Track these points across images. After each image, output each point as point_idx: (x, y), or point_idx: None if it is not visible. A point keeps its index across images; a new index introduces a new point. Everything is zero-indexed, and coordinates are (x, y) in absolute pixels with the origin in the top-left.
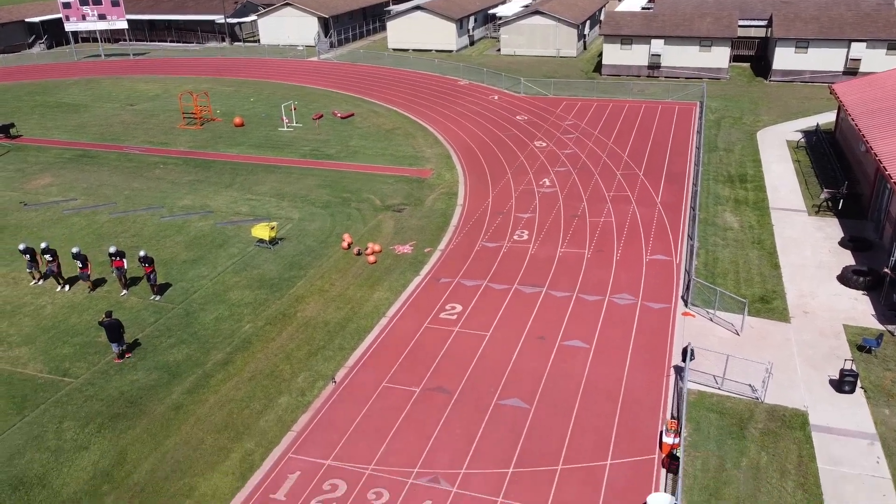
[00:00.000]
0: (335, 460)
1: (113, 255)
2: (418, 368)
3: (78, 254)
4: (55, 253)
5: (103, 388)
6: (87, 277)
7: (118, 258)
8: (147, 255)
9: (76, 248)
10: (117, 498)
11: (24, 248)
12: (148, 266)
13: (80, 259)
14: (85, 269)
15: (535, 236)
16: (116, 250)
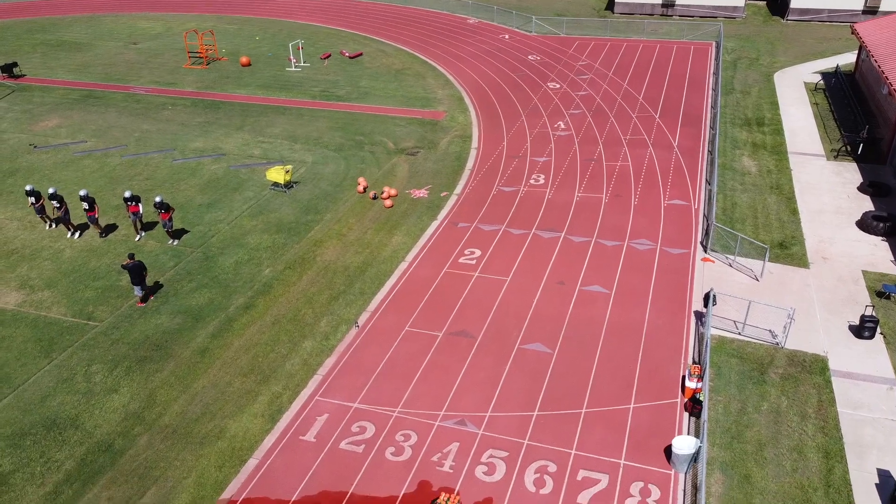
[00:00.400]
0: (362, 403)
1: (128, 199)
2: (440, 313)
3: (85, 196)
4: (62, 199)
5: (128, 331)
6: (96, 221)
7: (134, 203)
8: (163, 200)
9: (84, 191)
10: (150, 439)
11: (30, 190)
12: (164, 212)
13: (87, 201)
14: (92, 212)
15: (551, 181)
16: (132, 195)
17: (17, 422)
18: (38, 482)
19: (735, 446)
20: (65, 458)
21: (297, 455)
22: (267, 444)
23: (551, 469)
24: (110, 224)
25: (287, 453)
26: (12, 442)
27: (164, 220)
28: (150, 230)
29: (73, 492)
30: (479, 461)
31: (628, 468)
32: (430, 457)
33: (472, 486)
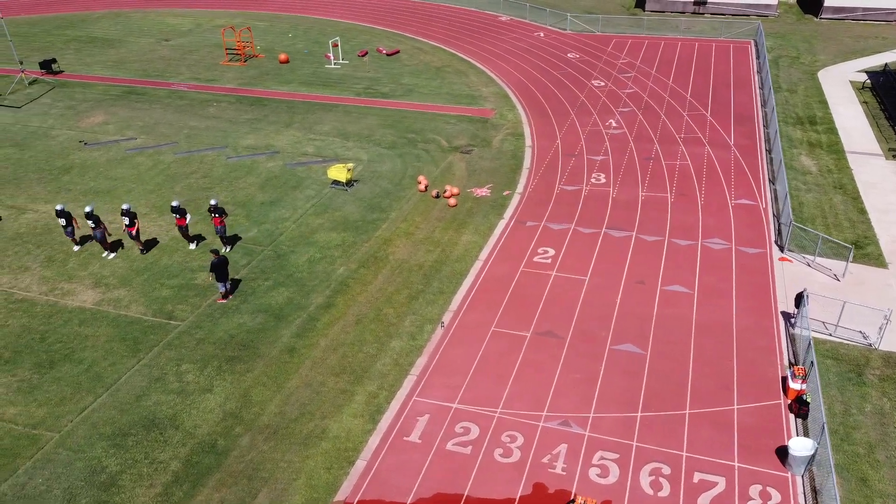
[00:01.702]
0: (461, 403)
1: (175, 210)
2: (523, 313)
3: (127, 211)
4: (99, 219)
5: (212, 331)
6: (137, 237)
7: (180, 216)
8: (218, 204)
9: (126, 205)
10: (252, 439)
11: (60, 210)
12: (217, 217)
13: (128, 216)
14: (132, 227)
15: (612, 179)
16: (178, 205)
17: (115, 421)
18: (146, 483)
19: (846, 448)
20: (169, 458)
21: (405, 456)
22: (372, 445)
23: (665, 471)
24: (150, 239)
25: (394, 454)
26: (114, 442)
27: (217, 225)
28: (203, 240)
29: (183, 493)
30: (590, 463)
31: (743, 470)
32: (540, 458)
33: (588, 488)
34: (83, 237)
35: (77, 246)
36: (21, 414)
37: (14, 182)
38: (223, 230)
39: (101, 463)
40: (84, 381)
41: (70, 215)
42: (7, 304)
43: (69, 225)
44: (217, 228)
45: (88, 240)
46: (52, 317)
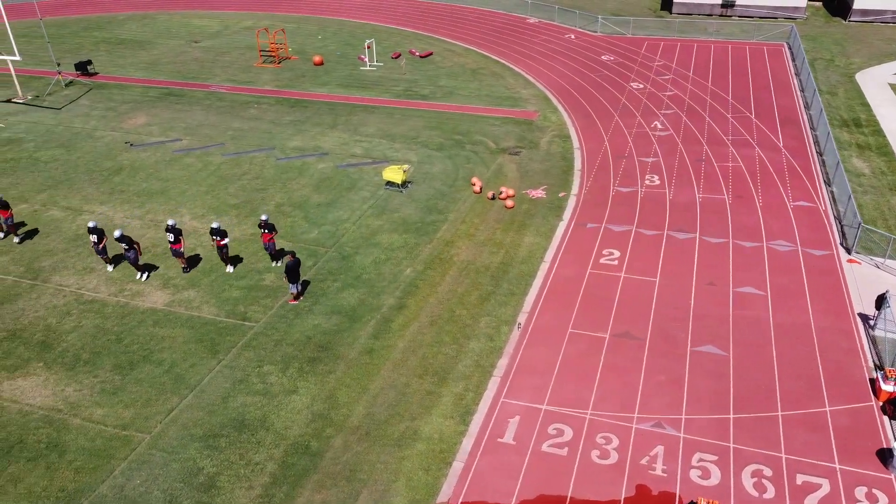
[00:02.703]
0: (550, 405)
1: (215, 232)
2: (598, 314)
3: (173, 227)
4: (131, 240)
5: (287, 332)
6: (181, 254)
7: (219, 237)
8: (268, 220)
9: (172, 221)
10: (345, 441)
11: (92, 227)
12: (267, 233)
13: (173, 233)
14: (178, 244)
15: (666, 181)
16: (219, 227)
17: (205, 423)
18: (245, 485)
19: None
20: (264, 459)
21: (501, 457)
22: (466, 447)
23: (767, 473)
24: (193, 255)
25: (490, 456)
26: (207, 443)
27: (266, 241)
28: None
29: (283, 495)
30: (690, 465)
31: (845, 472)
32: (638, 460)
33: (690, 490)
34: (115, 256)
35: (111, 266)
36: (109, 415)
37: (66, 183)
38: (272, 247)
39: (197, 464)
40: (167, 382)
41: (103, 233)
42: (78, 304)
43: (100, 242)
44: (266, 245)
45: (121, 260)
46: (125, 318)
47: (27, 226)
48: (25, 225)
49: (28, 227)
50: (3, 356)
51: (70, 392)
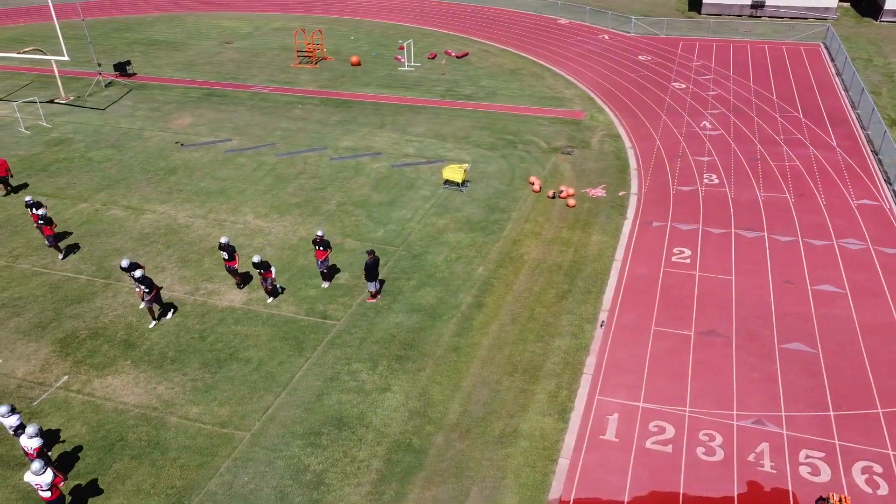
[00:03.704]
0: (646, 402)
1: (259, 265)
2: (679, 312)
3: (226, 245)
4: (152, 282)
5: (370, 330)
6: (235, 272)
7: (264, 270)
8: (324, 236)
9: (225, 238)
10: (446, 438)
11: (126, 265)
12: (321, 250)
13: (227, 251)
14: (232, 262)
15: (725, 180)
16: (261, 261)
17: (304, 420)
18: (353, 482)
19: None
20: (368, 456)
21: (607, 454)
22: (570, 444)
23: (877, 470)
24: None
25: (595, 453)
26: (309, 441)
27: (319, 258)
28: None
29: (393, 492)
30: (797, 462)
31: None
32: (745, 457)
33: (802, 487)
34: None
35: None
36: (205, 413)
37: (123, 182)
38: (325, 264)
39: (303, 462)
40: (257, 380)
41: (151, 283)
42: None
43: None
44: (318, 262)
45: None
46: (205, 316)
47: (71, 235)
48: (67, 235)
49: (87, 227)
50: (90, 354)
51: (162, 390)
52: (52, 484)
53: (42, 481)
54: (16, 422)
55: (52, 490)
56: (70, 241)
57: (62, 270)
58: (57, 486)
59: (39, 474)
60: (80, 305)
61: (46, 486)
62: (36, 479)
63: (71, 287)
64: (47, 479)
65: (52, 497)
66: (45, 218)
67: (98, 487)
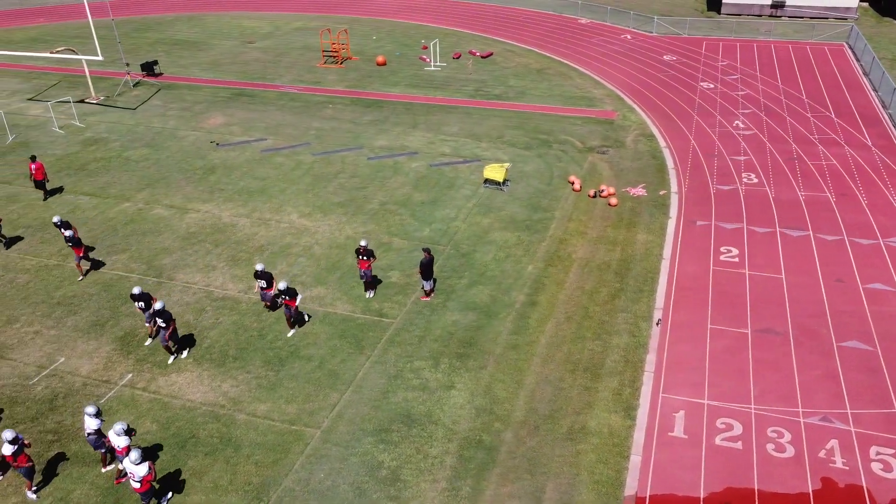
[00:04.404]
0: (711, 400)
1: (285, 292)
2: (733, 310)
3: (262, 272)
4: (171, 317)
5: (428, 328)
6: (272, 298)
7: (289, 296)
8: (368, 246)
9: (260, 265)
10: (515, 435)
11: (138, 293)
12: (365, 260)
13: (264, 278)
14: (269, 289)
15: (764, 179)
16: (287, 286)
17: (372, 418)
18: (429, 478)
19: None
20: (441, 453)
21: (677, 451)
22: (639, 440)
23: None
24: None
25: (665, 449)
26: (380, 437)
27: (363, 268)
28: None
29: (469, 488)
30: (869, 458)
31: None
32: (816, 454)
33: (876, 483)
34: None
35: (152, 339)
36: (273, 410)
37: (163, 182)
38: (368, 274)
39: (376, 458)
40: (321, 377)
41: (150, 298)
42: (210, 301)
43: (148, 308)
44: (362, 272)
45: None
46: (261, 314)
47: (116, 234)
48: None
49: (132, 226)
50: (151, 353)
51: (227, 388)
52: (144, 479)
53: (136, 472)
54: (97, 425)
55: (143, 483)
56: (116, 241)
57: (113, 269)
58: (148, 482)
59: (136, 464)
60: (135, 304)
61: (138, 478)
62: (131, 468)
63: (124, 286)
64: (142, 471)
65: (142, 490)
66: (73, 240)
67: (177, 483)
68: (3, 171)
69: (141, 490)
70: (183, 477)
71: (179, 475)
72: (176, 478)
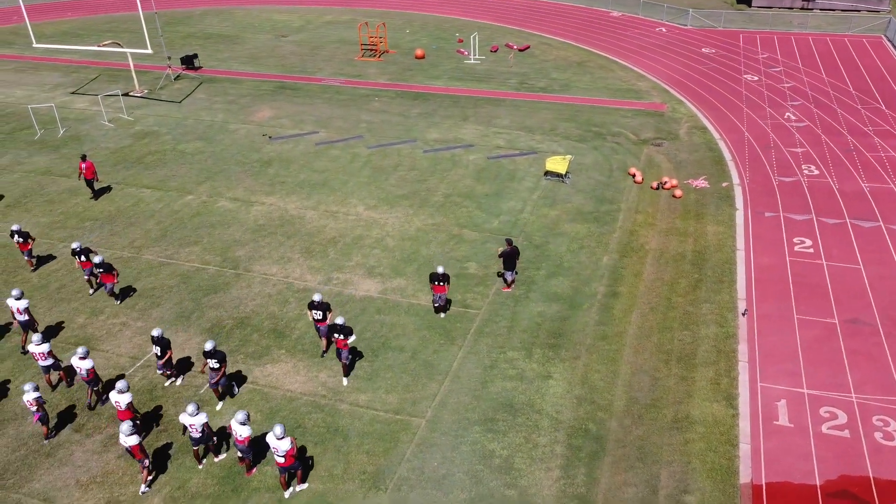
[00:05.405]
0: (810, 389)
1: (339, 330)
2: (817, 301)
3: (320, 302)
4: (168, 344)
5: (515, 319)
6: (324, 333)
7: (345, 335)
8: (444, 271)
9: (318, 296)
10: (620, 424)
11: (157, 336)
12: (442, 285)
13: (320, 309)
14: (324, 322)
15: (825, 171)
16: (345, 324)
17: (476, 407)
18: (542, 467)
19: None
20: (550, 442)
21: (786, 439)
22: (745, 429)
23: None
24: None
25: (774, 438)
26: (487, 427)
27: (438, 293)
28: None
29: (584, 476)
30: None
31: None
32: None
33: None
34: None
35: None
36: (374, 400)
37: (222, 174)
38: (443, 298)
39: (486, 447)
40: (417, 368)
41: (168, 344)
42: (292, 292)
43: (163, 355)
44: (436, 296)
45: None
46: (345, 305)
47: (185, 227)
48: (180, 227)
49: (200, 219)
50: (242, 344)
51: (325, 378)
52: (288, 453)
53: (280, 447)
54: (205, 418)
55: (287, 458)
56: (185, 232)
57: (188, 262)
58: (292, 456)
59: (280, 438)
60: (216, 295)
61: (282, 453)
62: (275, 443)
63: (202, 278)
64: (285, 445)
65: (287, 464)
66: (104, 265)
67: (291, 473)
68: (60, 164)
69: (286, 465)
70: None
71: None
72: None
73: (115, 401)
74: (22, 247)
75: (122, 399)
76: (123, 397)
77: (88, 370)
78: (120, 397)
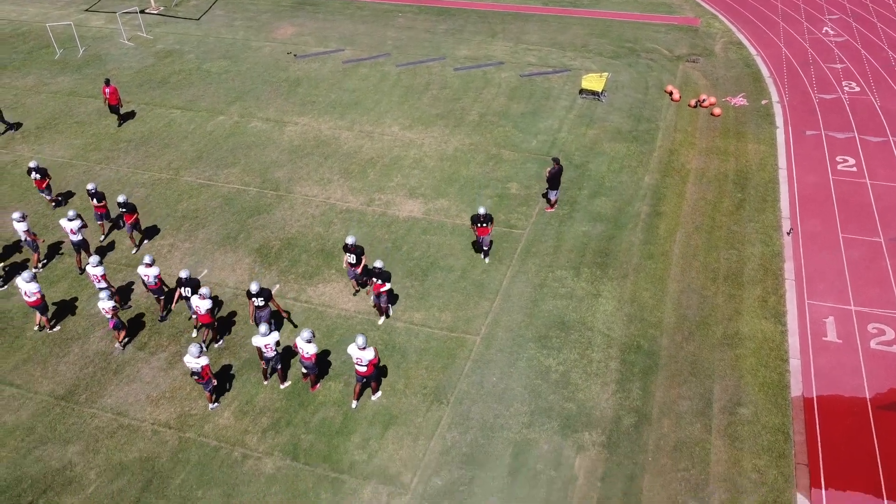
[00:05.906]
0: (858, 306)
1: (379, 273)
2: (862, 219)
3: (354, 245)
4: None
5: (560, 239)
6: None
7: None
8: (487, 211)
9: (352, 238)
10: (671, 340)
11: (185, 277)
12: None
13: (355, 252)
14: (357, 265)
15: (866, 87)
16: (383, 268)
17: (529, 325)
18: (599, 381)
19: None
20: (604, 358)
21: (835, 355)
22: (795, 345)
23: None
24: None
25: (823, 354)
26: (542, 343)
27: (482, 236)
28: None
29: (639, 390)
30: None
31: None
32: None
33: None
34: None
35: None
36: (428, 319)
37: (251, 94)
38: (486, 241)
39: (542, 363)
40: (467, 287)
41: (198, 284)
42: (335, 213)
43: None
44: (479, 238)
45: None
46: (391, 226)
47: (220, 148)
48: (215, 148)
49: (234, 140)
50: (292, 264)
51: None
52: (371, 362)
53: (364, 356)
54: (277, 336)
55: (369, 367)
56: (221, 154)
57: (228, 183)
58: (374, 364)
59: (362, 349)
60: (260, 217)
61: (365, 363)
62: (357, 353)
63: (244, 199)
64: (369, 355)
65: (368, 372)
66: (127, 205)
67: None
68: (85, 85)
69: (366, 373)
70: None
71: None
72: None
73: (196, 305)
74: (38, 184)
75: (202, 304)
76: (205, 303)
77: (156, 276)
78: (201, 302)
